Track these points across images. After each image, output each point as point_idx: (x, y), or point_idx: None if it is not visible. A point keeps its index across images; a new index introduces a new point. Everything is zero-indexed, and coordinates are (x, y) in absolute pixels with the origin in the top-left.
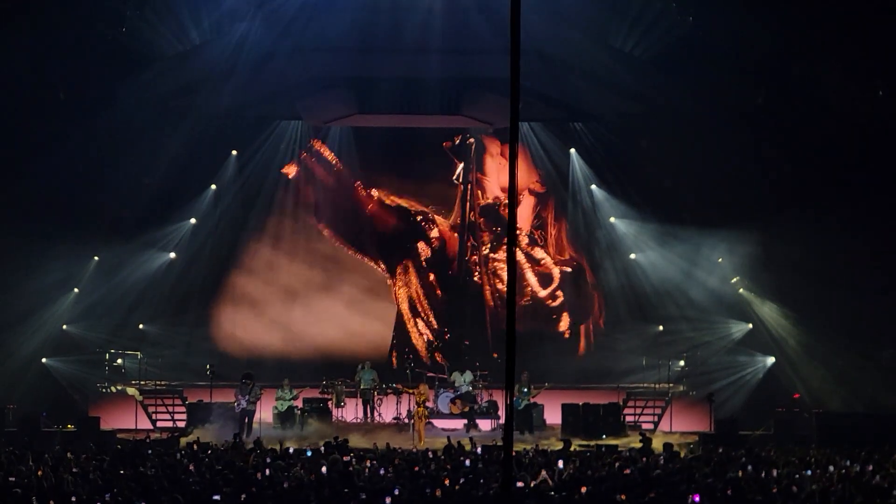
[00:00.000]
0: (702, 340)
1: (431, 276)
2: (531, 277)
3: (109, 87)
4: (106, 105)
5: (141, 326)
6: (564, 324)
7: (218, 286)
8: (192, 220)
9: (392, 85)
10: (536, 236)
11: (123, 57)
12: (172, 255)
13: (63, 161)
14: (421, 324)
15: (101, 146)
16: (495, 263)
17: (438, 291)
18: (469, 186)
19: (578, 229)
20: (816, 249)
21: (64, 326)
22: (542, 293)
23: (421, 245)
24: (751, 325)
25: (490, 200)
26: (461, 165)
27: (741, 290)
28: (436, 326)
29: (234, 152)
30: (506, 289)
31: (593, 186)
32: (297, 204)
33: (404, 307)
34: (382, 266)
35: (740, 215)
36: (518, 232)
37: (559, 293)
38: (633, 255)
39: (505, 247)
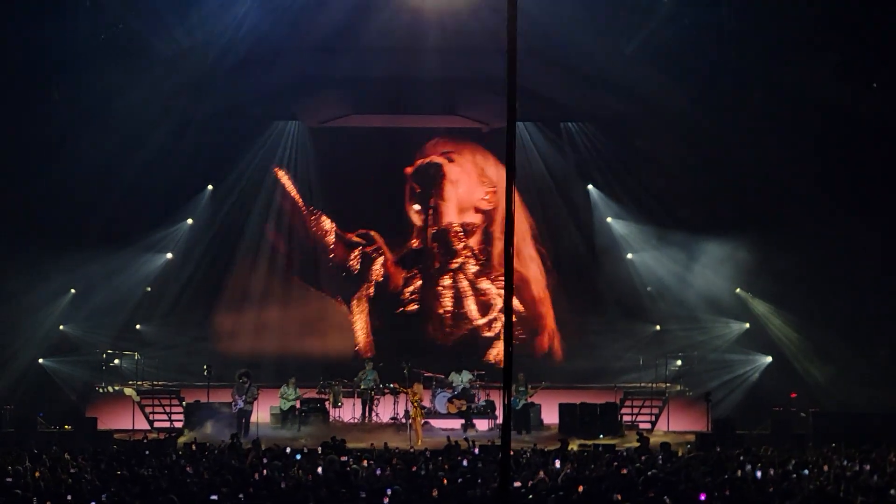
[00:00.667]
0: (698, 340)
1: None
2: (472, 306)
3: (105, 88)
4: (101, 106)
5: (138, 327)
6: (495, 354)
7: (215, 286)
8: (189, 221)
9: (387, 85)
10: (479, 253)
11: (119, 58)
12: (169, 255)
13: (56, 163)
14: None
15: (95, 147)
16: (440, 289)
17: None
18: (430, 212)
19: (568, 230)
20: (814, 253)
21: (61, 327)
22: (481, 321)
23: (371, 278)
24: (748, 325)
25: (443, 226)
26: (420, 191)
27: (738, 290)
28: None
29: (231, 153)
30: (504, 290)
31: (590, 186)
32: (292, 211)
33: (359, 339)
34: (340, 300)
35: (736, 218)
36: (468, 257)
37: (497, 323)
38: (629, 255)
39: (450, 273)
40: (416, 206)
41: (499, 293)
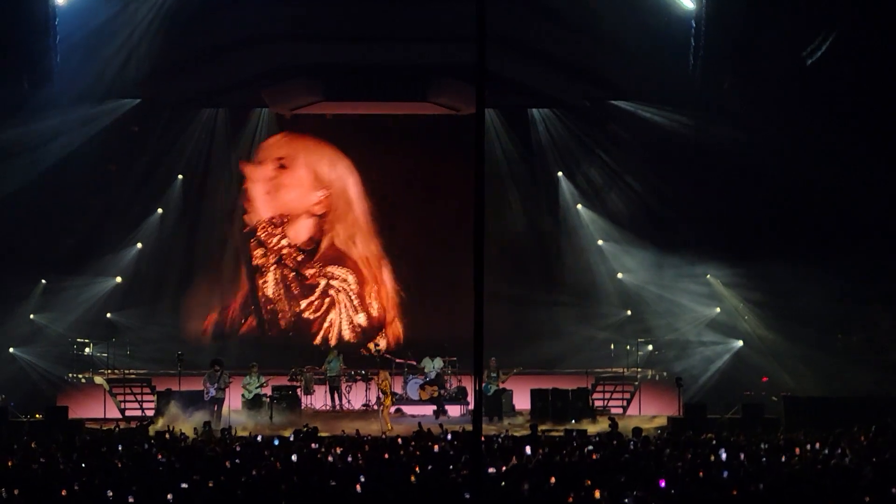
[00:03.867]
0: (669, 325)
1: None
2: (294, 290)
3: (74, 75)
4: (71, 94)
5: (109, 315)
6: (321, 334)
7: (186, 275)
8: (160, 211)
9: (358, 72)
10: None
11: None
12: (139, 245)
13: (22, 151)
14: None
15: (66, 136)
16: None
17: None
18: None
19: (535, 215)
20: (786, 244)
21: (31, 316)
22: (304, 304)
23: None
24: (718, 310)
25: (253, 225)
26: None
27: (708, 276)
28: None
29: (200, 141)
30: (474, 281)
31: (560, 174)
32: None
33: None
34: None
35: (707, 209)
36: (287, 249)
37: (322, 303)
38: (599, 242)
39: (273, 267)
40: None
41: (324, 275)
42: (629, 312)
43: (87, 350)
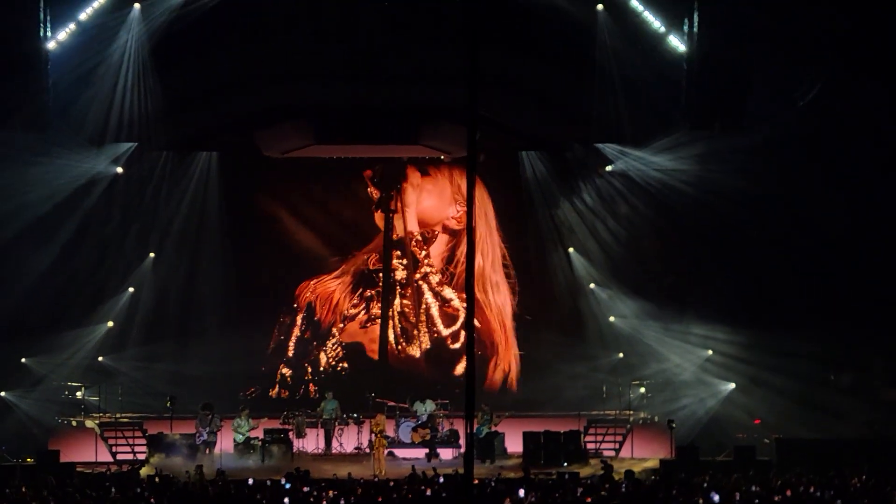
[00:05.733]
0: (661, 367)
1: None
2: (436, 316)
3: (67, 119)
4: (64, 138)
5: (100, 359)
6: (461, 369)
7: (177, 318)
8: (151, 255)
9: (349, 114)
10: (446, 274)
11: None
12: (131, 289)
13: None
14: None
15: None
16: (403, 301)
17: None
18: (391, 217)
19: (528, 257)
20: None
21: (23, 360)
22: (445, 332)
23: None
24: (710, 352)
25: (402, 235)
26: (380, 195)
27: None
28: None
29: (192, 184)
30: (465, 321)
31: (549, 216)
32: (256, 233)
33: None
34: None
35: (696, 251)
36: (431, 269)
37: (462, 334)
38: (592, 286)
39: (414, 284)
40: (378, 210)
41: (463, 305)
42: (621, 355)
43: (78, 394)
